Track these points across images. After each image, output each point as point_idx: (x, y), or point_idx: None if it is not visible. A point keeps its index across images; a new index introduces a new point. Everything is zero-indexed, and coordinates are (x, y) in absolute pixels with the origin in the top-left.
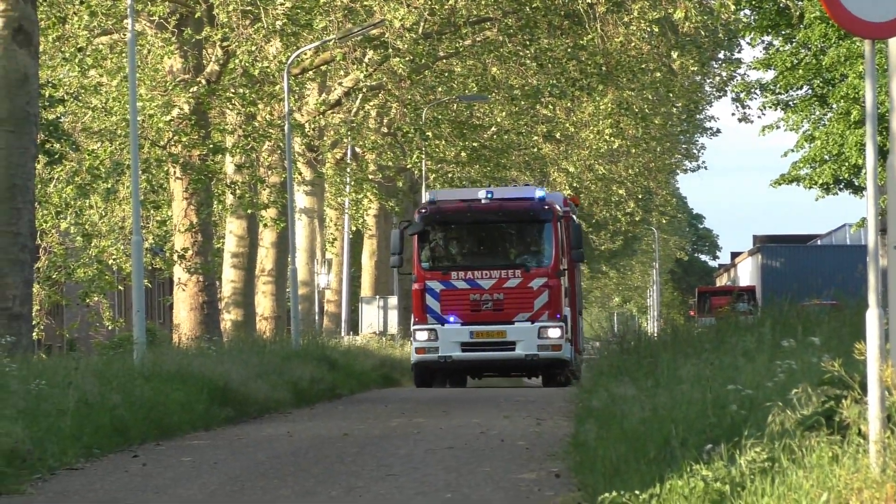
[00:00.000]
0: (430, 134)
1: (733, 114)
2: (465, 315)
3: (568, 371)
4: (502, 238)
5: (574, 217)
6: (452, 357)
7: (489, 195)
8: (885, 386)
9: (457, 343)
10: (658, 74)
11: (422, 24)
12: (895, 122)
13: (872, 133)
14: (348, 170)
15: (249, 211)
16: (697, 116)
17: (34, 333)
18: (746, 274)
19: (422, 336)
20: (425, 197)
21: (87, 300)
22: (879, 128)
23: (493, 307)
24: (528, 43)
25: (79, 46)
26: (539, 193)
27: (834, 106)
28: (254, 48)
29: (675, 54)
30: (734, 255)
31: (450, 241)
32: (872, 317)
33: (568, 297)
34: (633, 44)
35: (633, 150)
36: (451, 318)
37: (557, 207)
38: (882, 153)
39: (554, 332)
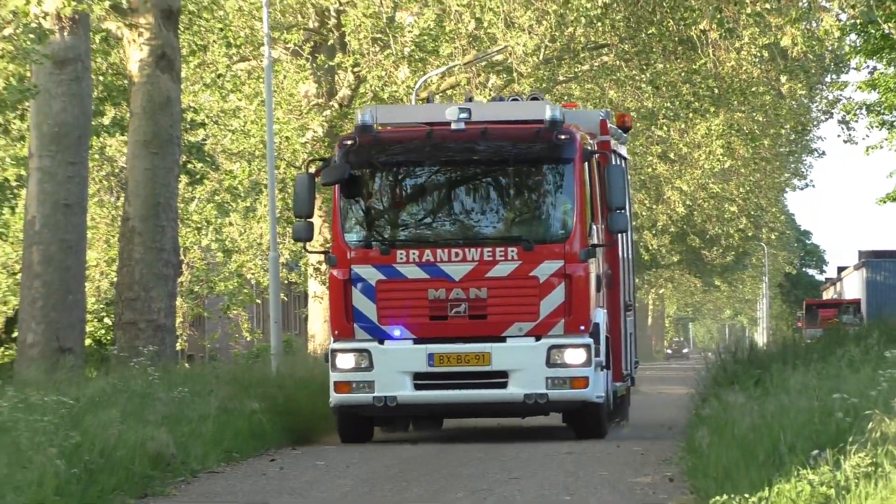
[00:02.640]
0: None
1: (839, 135)
2: (421, 326)
3: (603, 413)
4: (487, 191)
5: (617, 152)
6: (398, 399)
7: (465, 115)
8: None
9: (405, 374)
10: (767, 97)
11: (542, 50)
12: None
13: None
14: None
15: None
16: (805, 138)
17: (178, 344)
18: (852, 287)
19: (344, 362)
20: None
21: (228, 313)
22: None
23: (470, 312)
24: (643, 67)
25: (218, 73)
26: (551, 112)
27: None
28: (383, 73)
29: (783, 78)
30: (840, 269)
31: (395, 195)
32: None
33: (602, 291)
34: (743, 68)
35: (744, 170)
36: (396, 332)
37: (585, 136)
38: None
39: (575, 356)
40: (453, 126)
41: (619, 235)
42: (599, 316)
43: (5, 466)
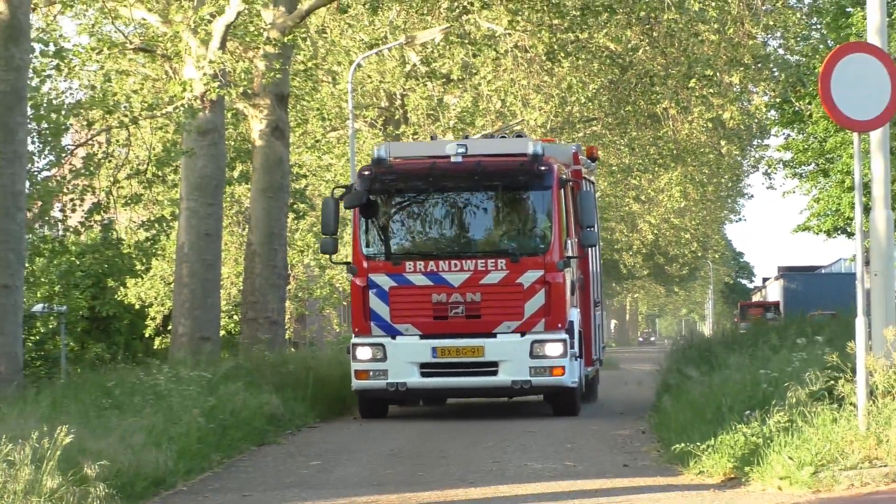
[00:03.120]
0: None
1: (763, 183)
2: (426, 324)
3: (577, 396)
4: (481, 213)
5: (588, 178)
6: (407, 384)
7: (462, 149)
8: (868, 370)
9: (413, 364)
10: (711, 156)
11: (549, 122)
12: (875, 188)
13: (859, 196)
14: None
15: None
16: (738, 185)
17: (286, 334)
18: (774, 293)
19: (363, 354)
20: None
21: (322, 311)
22: (864, 192)
23: (467, 313)
24: (622, 134)
25: (316, 139)
26: (534, 147)
27: (833, 177)
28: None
29: (723, 142)
30: (765, 279)
31: (404, 216)
32: (860, 322)
33: (576, 294)
34: (694, 135)
35: (695, 208)
36: (406, 329)
37: (561, 167)
38: (866, 210)
39: (554, 349)
40: (452, 159)
41: (589, 248)
42: (574, 315)
43: (162, 423)
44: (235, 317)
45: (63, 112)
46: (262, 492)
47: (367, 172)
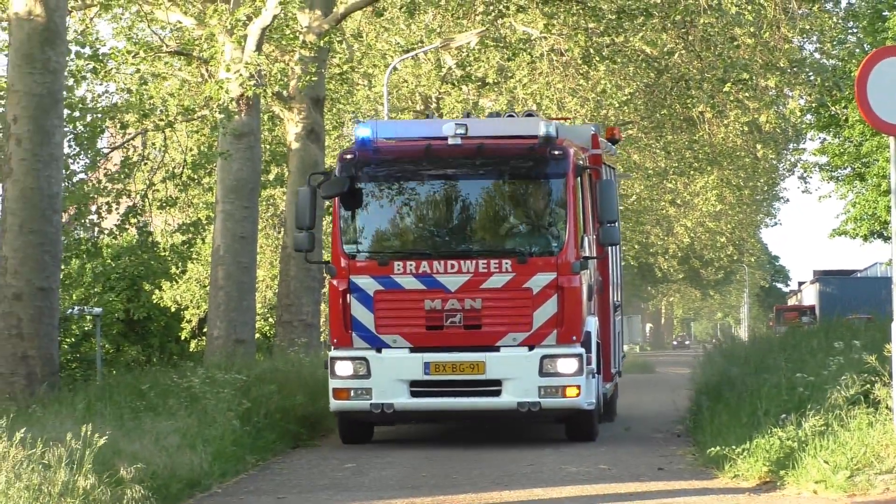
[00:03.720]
0: None
1: (798, 187)
2: (417, 335)
3: (594, 419)
4: (483, 205)
5: (608, 165)
6: (395, 406)
7: (462, 130)
8: None
9: (402, 382)
10: (747, 160)
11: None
12: None
13: (895, 201)
14: None
15: None
16: (774, 189)
17: (321, 337)
18: (809, 296)
19: (343, 370)
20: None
21: None
22: None
23: (465, 322)
24: (658, 138)
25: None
26: (546, 128)
27: (869, 181)
28: None
29: (759, 146)
30: (800, 283)
31: (393, 208)
32: (895, 327)
33: (593, 299)
34: (730, 139)
35: (731, 212)
36: (393, 341)
37: (577, 151)
38: None
39: (567, 366)
40: (450, 141)
41: (609, 248)
42: (591, 324)
43: (196, 425)
44: (271, 319)
45: (99, 115)
46: (296, 494)
47: (349, 156)
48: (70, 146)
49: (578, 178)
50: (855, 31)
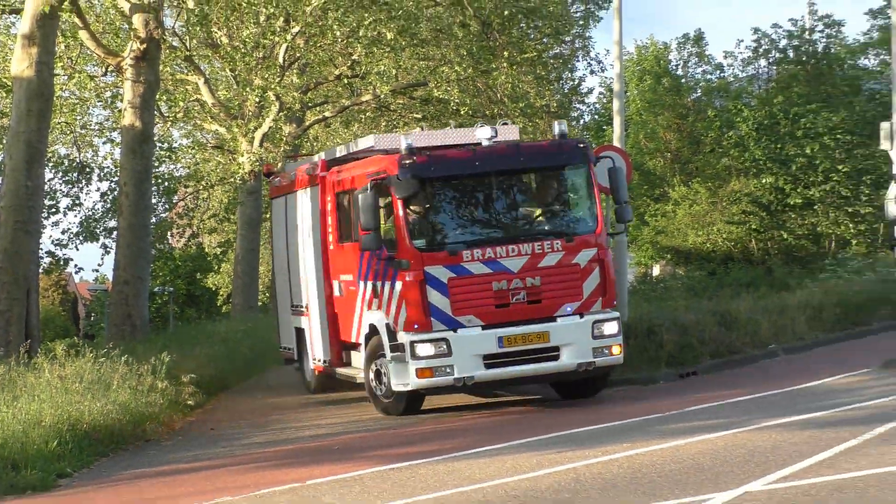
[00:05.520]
0: None
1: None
2: (488, 313)
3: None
4: (528, 194)
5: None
6: (475, 378)
7: (493, 133)
8: None
9: (478, 357)
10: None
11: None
12: None
13: None
14: None
15: None
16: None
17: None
18: None
19: (425, 350)
20: (402, 145)
21: None
22: None
23: (528, 298)
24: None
25: None
26: (559, 127)
27: None
28: None
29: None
30: None
31: (453, 204)
32: None
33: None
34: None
35: None
36: (468, 321)
37: (589, 143)
38: None
39: (611, 328)
40: (485, 143)
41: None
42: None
43: (224, 351)
44: (267, 294)
45: (172, 182)
46: (281, 393)
47: (408, 162)
48: (156, 198)
49: (594, 167)
50: None
